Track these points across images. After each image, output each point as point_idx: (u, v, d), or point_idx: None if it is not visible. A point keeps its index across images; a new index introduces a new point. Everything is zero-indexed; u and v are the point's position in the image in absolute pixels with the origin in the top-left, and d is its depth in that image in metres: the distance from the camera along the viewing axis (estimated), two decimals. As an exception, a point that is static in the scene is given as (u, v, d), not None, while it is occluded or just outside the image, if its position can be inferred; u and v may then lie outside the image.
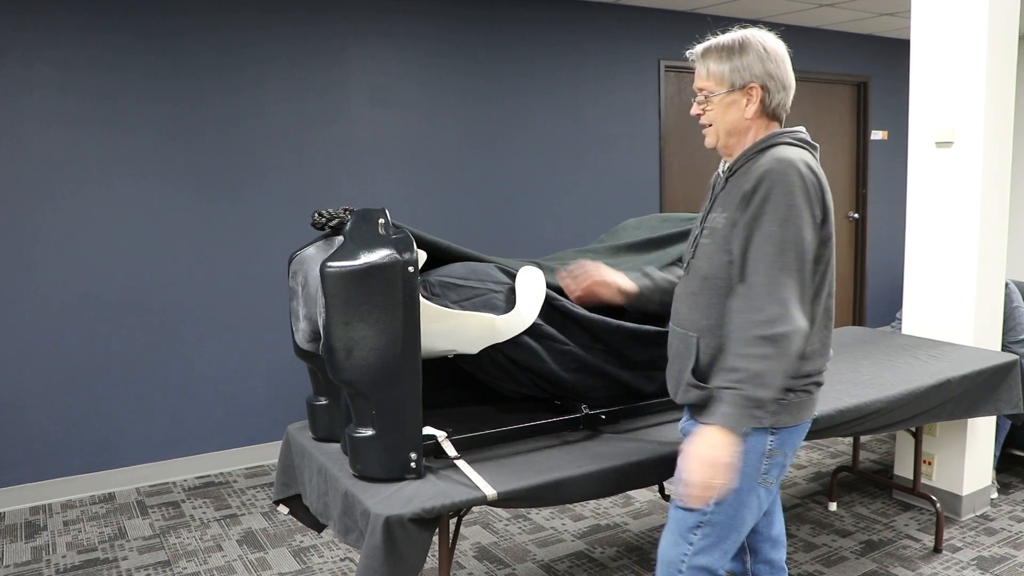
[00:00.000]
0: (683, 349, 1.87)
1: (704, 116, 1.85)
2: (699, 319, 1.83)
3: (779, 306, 1.66)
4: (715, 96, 1.81)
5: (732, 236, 1.75)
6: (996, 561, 3.07)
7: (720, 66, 1.80)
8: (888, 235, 6.76)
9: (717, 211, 1.84)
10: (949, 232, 3.39)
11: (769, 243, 1.68)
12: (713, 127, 1.84)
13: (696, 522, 1.82)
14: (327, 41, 4.36)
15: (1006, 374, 3.09)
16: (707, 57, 1.82)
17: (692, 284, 1.87)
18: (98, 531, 3.53)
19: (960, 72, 3.28)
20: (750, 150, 1.81)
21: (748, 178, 1.74)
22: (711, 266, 1.80)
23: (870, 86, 6.59)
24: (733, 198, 1.77)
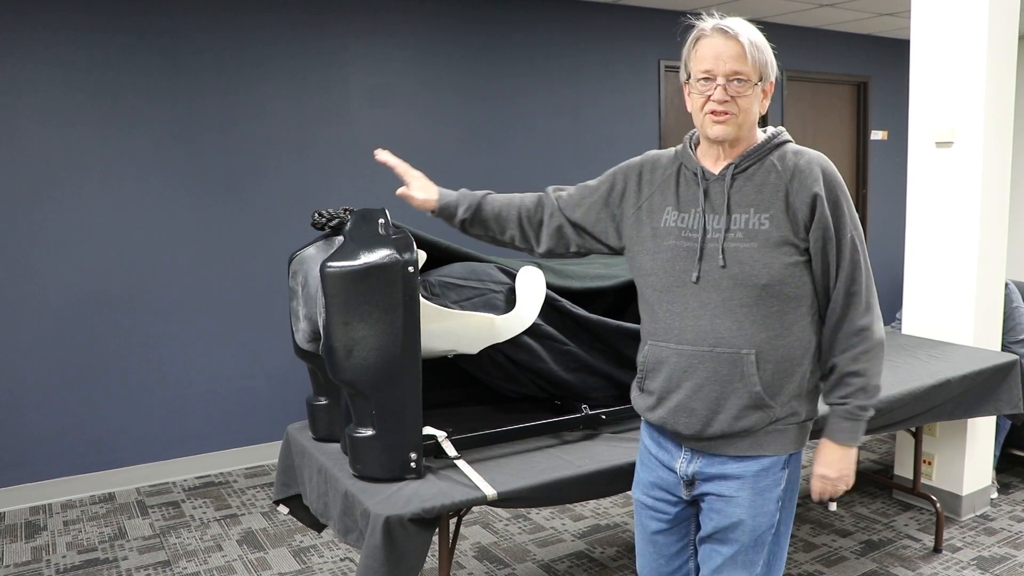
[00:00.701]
0: (727, 372, 1.64)
1: (731, 103, 1.62)
2: (755, 333, 1.62)
3: (877, 317, 1.67)
4: (751, 85, 1.62)
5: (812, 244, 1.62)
6: (996, 561, 3.07)
7: (760, 53, 1.63)
8: (888, 235, 6.76)
9: (745, 211, 1.64)
10: (949, 232, 3.39)
11: (857, 250, 1.65)
12: (737, 117, 1.63)
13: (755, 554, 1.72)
14: (327, 40, 4.36)
15: (1006, 374, 3.09)
16: (753, 41, 1.64)
17: (736, 294, 1.62)
18: (98, 531, 3.53)
19: (960, 72, 3.28)
20: (761, 147, 1.68)
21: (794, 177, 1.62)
22: (770, 271, 1.60)
23: (870, 86, 6.59)
24: (770, 196, 1.63)
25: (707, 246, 1.65)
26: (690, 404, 1.67)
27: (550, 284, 2.33)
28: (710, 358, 1.64)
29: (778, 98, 6.04)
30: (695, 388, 1.66)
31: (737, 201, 1.66)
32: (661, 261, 1.71)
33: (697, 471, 1.73)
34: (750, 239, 1.62)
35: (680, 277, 1.67)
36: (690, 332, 1.66)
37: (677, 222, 1.71)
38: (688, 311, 1.66)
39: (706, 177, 1.70)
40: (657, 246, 1.72)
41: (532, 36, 4.97)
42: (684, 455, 1.75)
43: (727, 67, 1.61)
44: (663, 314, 1.70)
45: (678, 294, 1.68)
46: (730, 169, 1.67)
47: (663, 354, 1.71)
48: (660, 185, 1.77)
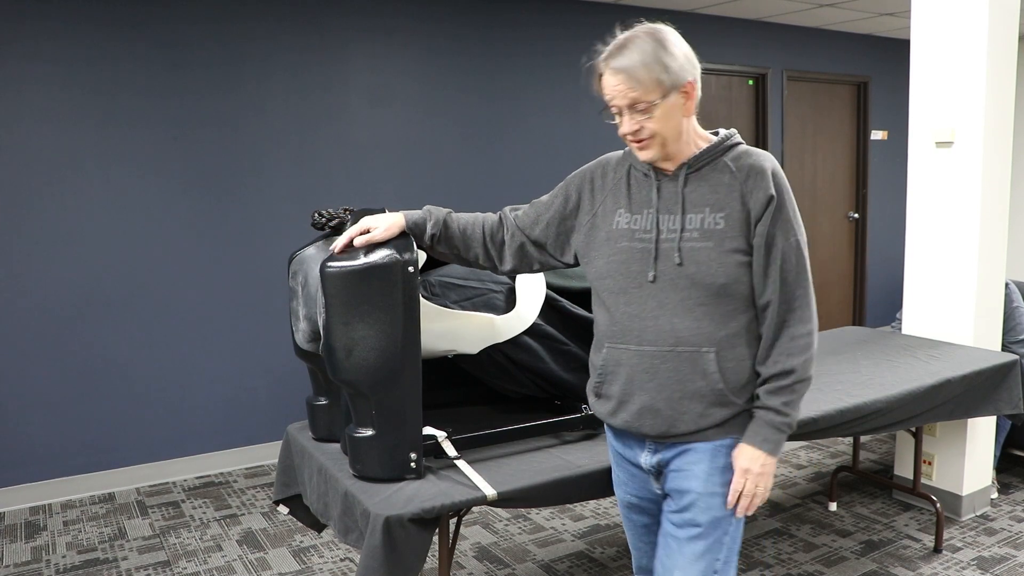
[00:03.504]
0: (689, 370, 1.64)
1: (644, 130, 1.63)
2: (714, 331, 1.64)
3: (815, 327, 1.67)
4: (656, 105, 1.60)
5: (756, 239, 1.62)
6: (996, 561, 3.07)
7: (651, 71, 1.59)
8: (888, 235, 6.76)
9: (700, 210, 1.65)
10: (949, 232, 3.39)
11: (802, 255, 1.65)
12: (655, 138, 1.63)
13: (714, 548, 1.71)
14: (327, 39, 4.36)
15: (1006, 374, 3.08)
16: (631, 66, 1.59)
17: (694, 293, 1.63)
18: (98, 531, 3.53)
19: (960, 72, 3.28)
20: (714, 148, 1.68)
21: (748, 178, 1.64)
22: (726, 271, 1.62)
23: (870, 86, 6.59)
24: (724, 196, 1.64)
25: (662, 246, 1.66)
26: (654, 405, 1.68)
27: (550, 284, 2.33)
28: (671, 357, 1.65)
29: (778, 98, 6.04)
30: (658, 388, 1.67)
31: (692, 201, 1.66)
32: (616, 263, 1.70)
33: (660, 459, 1.75)
34: (706, 239, 1.63)
35: (636, 278, 1.67)
36: (650, 332, 1.66)
37: (630, 224, 1.71)
38: (646, 311, 1.66)
39: (658, 177, 1.70)
40: (611, 248, 1.72)
41: (532, 36, 4.97)
42: (648, 448, 1.76)
43: (622, 101, 1.61)
44: (620, 316, 1.69)
45: (635, 295, 1.67)
46: (684, 169, 1.68)
47: (622, 356, 1.70)
48: (611, 189, 1.78)
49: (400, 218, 1.92)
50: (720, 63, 5.74)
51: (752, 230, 1.63)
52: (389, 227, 1.90)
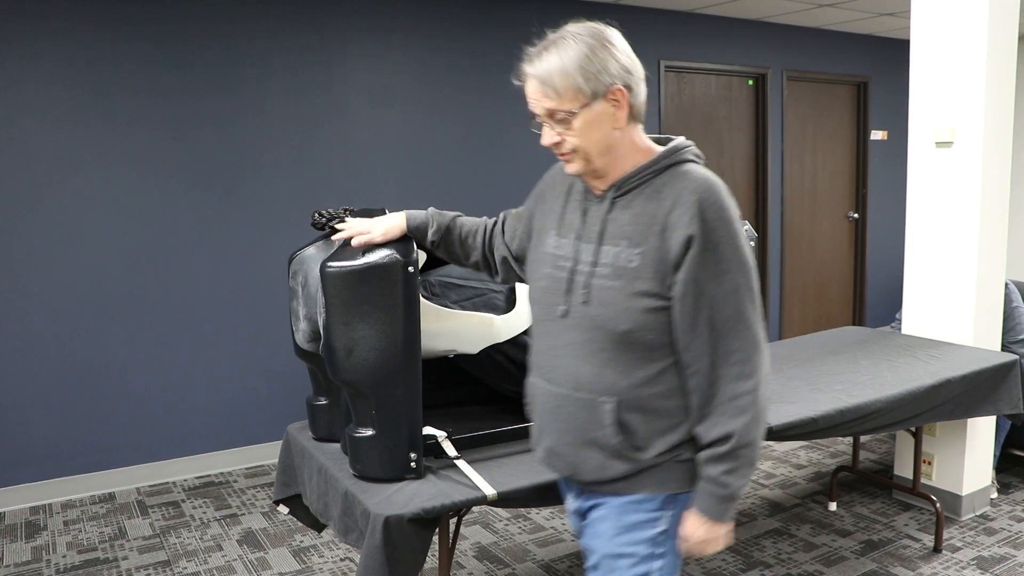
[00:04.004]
0: (586, 419, 1.48)
1: (565, 143, 1.46)
2: (616, 380, 1.45)
3: (760, 382, 1.44)
4: (575, 115, 1.43)
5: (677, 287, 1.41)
6: (996, 561, 3.07)
7: (569, 78, 1.42)
8: (888, 235, 6.76)
9: (617, 243, 1.45)
10: (949, 232, 3.39)
11: (740, 300, 1.41)
12: (578, 152, 1.46)
13: None
14: (327, 39, 4.36)
15: (1006, 374, 3.08)
16: (547, 72, 1.44)
17: (596, 337, 1.45)
18: (98, 531, 3.53)
19: (960, 72, 3.28)
20: (649, 167, 1.47)
21: (673, 209, 1.41)
22: (631, 317, 1.42)
23: (870, 86, 6.59)
24: (644, 229, 1.43)
25: (576, 279, 1.49)
26: (557, 448, 1.55)
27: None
28: (570, 402, 1.50)
29: (778, 98, 6.04)
30: (560, 432, 1.53)
31: (612, 231, 1.47)
32: (538, 290, 1.58)
33: (580, 507, 1.63)
34: (616, 276, 1.44)
35: (550, 310, 1.52)
36: (555, 371, 1.52)
37: (555, 248, 1.56)
38: (554, 349, 1.52)
39: (587, 198, 1.54)
40: (536, 273, 1.59)
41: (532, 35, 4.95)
42: (575, 490, 1.64)
43: (539, 109, 1.47)
44: (536, 348, 1.58)
45: (549, 328, 1.54)
46: (611, 192, 1.49)
47: (536, 391, 1.59)
48: (551, 204, 1.63)
49: (401, 220, 1.88)
50: (720, 63, 5.74)
51: (671, 275, 1.41)
52: (388, 230, 1.86)
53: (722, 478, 1.45)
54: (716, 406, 1.44)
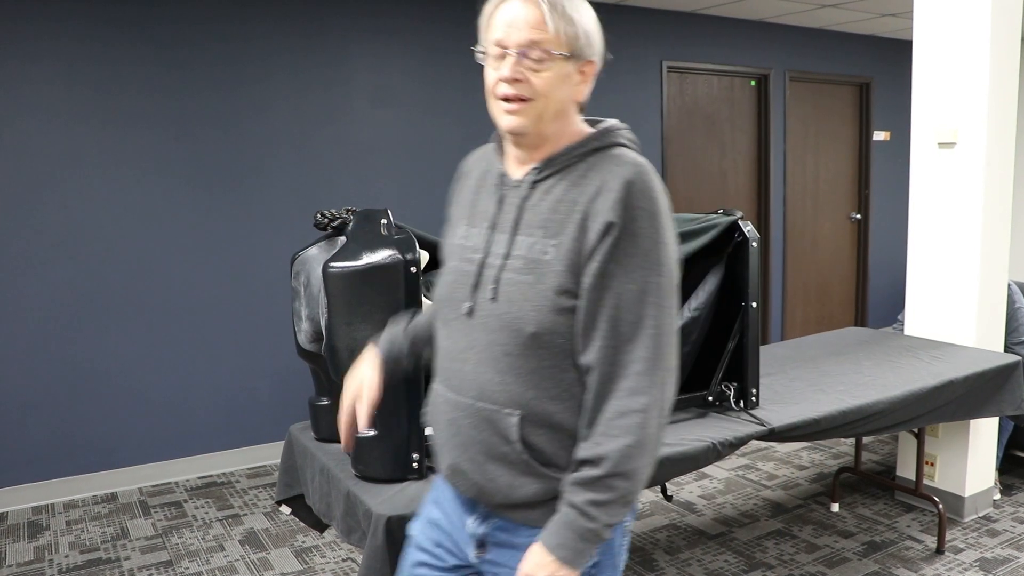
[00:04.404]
0: (490, 433, 1.29)
1: (525, 83, 1.26)
2: (522, 390, 1.26)
3: (653, 397, 1.22)
4: (554, 61, 1.26)
5: (585, 279, 1.23)
6: (999, 563, 3.07)
7: (569, 23, 1.27)
8: (890, 236, 6.75)
9: (532, 233, 1.28)
10: (951, 233, 3.39)
11: (641, 302, 1.22)
12: (535, 102, 1.27)
13: None
14: (329, 39, 4.37)
15: (1009, 375, 3.08)
16: (555, 4, 1.27)
17: (502, 338, 1.27)
18: (100, 531, 3.53)
19: (962, 73, 3.28)
20: (576, 148, 1.31)
21: (598, 196, 1.24)
22: (540, 317, 1.24)
23: (872, 87, 6.58)
24: (564, 217, 1.26)
25: (484, 272, 1.31)
26: (459, 465, 1.35)
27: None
28: (472, 413, 1.31)
29: (780, 99, 6.04)
30: (462, 447, 1.33)
31: (528, 220, 1.29)
32: (444, 286, 1.39)
33: (488, 533, 1.37)
34: (528, 270, 1.26)
35: (456, 307, 1.34)
36: (458, 377, 1.33)
37: (463, 239, 1.39)
38: (457, 351, 1.34)
39: (503, 184, 1.36)
40: (445, 267, 1.42)
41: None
42: (478, 512, 1.38)
43: (520, 35, 1.25)
44: (440, 351, 1.39)
45: (454, 329, 1.35)
46: (530, 176, 1.32)
47: (436, 399, 1.40)
48: (463, 195, 1.47)
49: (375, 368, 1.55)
50: (722, 64, 5.74)
51: (584, 267, 1.23)
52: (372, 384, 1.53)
53: (588, 508, 1.21)
54: (599, 423, 1.23)
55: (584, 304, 1.24)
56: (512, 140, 1.34)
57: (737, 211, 2.54)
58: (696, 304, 2.48)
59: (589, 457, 1.22)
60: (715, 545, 3.28)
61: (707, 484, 3.94)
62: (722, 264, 2.54)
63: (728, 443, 2.27)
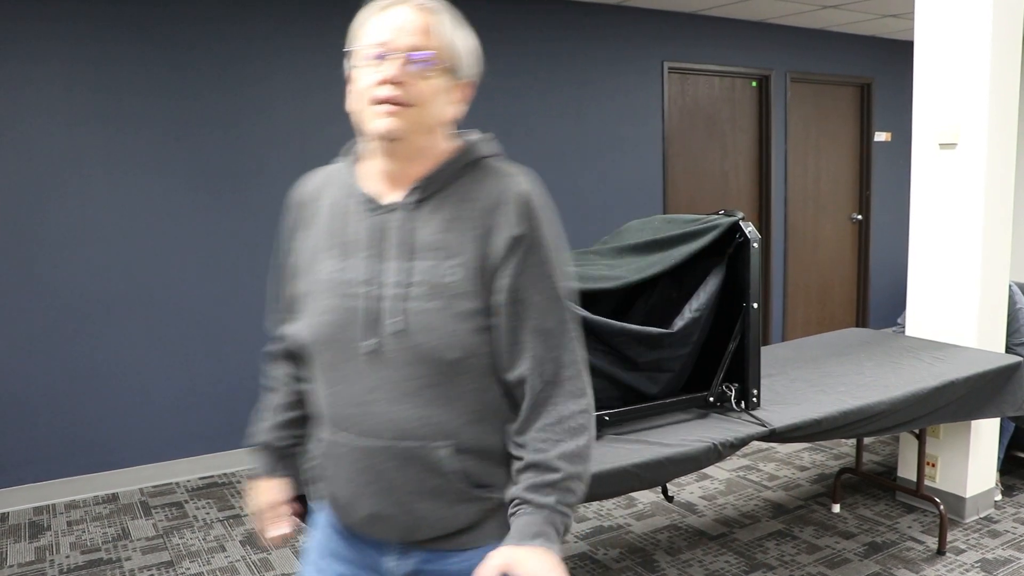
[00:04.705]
0: (418, 470, 1.24)
1: (407, 87, 1.20)
2: (449, 419, 1.23)
3: (588, 396, 1.27)
4: (437, 68, 1.23)
5: (497, 296, 1.22)
6: (1000, 563, 3.06)
7: (454, 36, 1.26)
8: (891, 237, 6.75)
9: (430, 257, 1.22)
10: (953, 234, 3.39)
11: (559, 308, 1.25)
12: (415, 108, 1.21)
13: None
14: (329, 39, 4.36)
15: (1010, 376, 3.08)
16: (440, 15, 1.25)
17: (420, 371, 1.21)
18: (101, 531, 3.53)
19: (964, 73, 3.28)
20: (453, 163, 1.27)
21: (495, 210, 1.23)
22: (461, 342, 1.21)
23: (873, 87, 6.58)
24: (460, 235, 1.22)
25: (382, 305, 1.23)
26: (383, 513, 1.27)
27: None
28: (395, 455, 1.24)
29: (781, 100, 6.04)
30: (384, 492, 1.25)
31: (421, 243, 1.23)
32: (321, 327, 1.27)
33: (415, 569, 1.31)
34: (434, 296, 1.21)
35: (347, 349, 1.24)
36: (367, 421, 1.24)
37: (338, 273, 1.27)
38: (359, 394, 1.24)
39: (378, 208, 1.27)
40: (315, 306, 1.29)
41: (535, 37, 4.97)
42: (395, 550, 1.31)
43: (408, 39, 1.21)
44: (336, 398, 1.28)
45: (347, 371, 1.25)
46: (412, 196, 1.25)
47: (339, 449, 1.29)
48: (314, 228, 1.34)
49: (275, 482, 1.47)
50: (723, 64, 5.74)
51: (493, 283, 1.22)
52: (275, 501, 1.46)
53: (558, 506, 1.23)
54: (544, 428, 1.23)
55: (504, 320, 1.23)
56: (385, 149, 1.25)
57: (738, 212, 2.54)
58: (697, 305, 2.48)
59: (542, 462, 1.23)
60: (716, 546, 3.28)
61: (708, 485, 3.94)
62: (723, 265, 2.54)
63: (729, 444, 2.27)
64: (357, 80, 1.24)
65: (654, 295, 2.62)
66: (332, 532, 1.37)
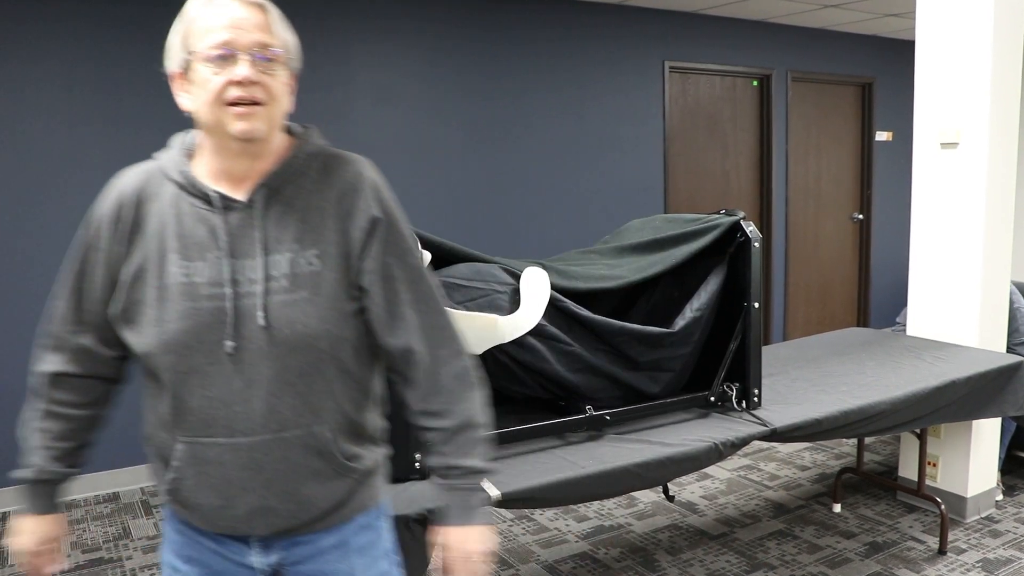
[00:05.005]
0: (302, 457, 1.27)
1: (261, 86, 1.22)
2: (325, 401, 1.27)
3: (467, 350, 1.37)
4: (281, 63, 1.26)
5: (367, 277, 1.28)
6: (1001, 563, 3.06)
7: (284, 29, 1.29)
8: (893, 236, 6.75)
9: (287, 249, 1.25)
10: (954, 233, 3.38)
11: (427, 279, 1.35)
12: (269, 106, 1.24)
13: None
14: (330, 39, 4.37)
15: (1011, 376, 3.08)
16: (272, 10, 1.28)
17: (293, 362, 1.24)
18: (103, 530, 3.54)
19: (965, 73, 3.27)
20: (298, 155, 1.30)
21: (348, 196, 1.28)
22: (331, 326, 1.25)
23: (874, 87, 6.58)
24: (318, 224, 1.26)
25: (241, 303, 1.23)
26: (267, 504, 1.28)
27: (554, 285, 2.34)
28: (277, 446, 1.26)
29: (782, 99, 6.04)
30: (267, 485, 1.27)
31: (276, 237, 1.25)
32: (176, 333, 1.24)
33: (281, 560, 1.34)
34: (298, 287, 1.23)
35: (210, 352, 1.23)
36: (242, 420, 1.24)
37: (189, 275, 1.24)
38: (233, 394, 1.24)
39: (227, 206, 1.26)
40: (165, 313, 1.24)
41: (536, 36, 4.97)
42: (257, 546, 1.34)
43: (251, 37, 1.22)
44: (198, 403, 1.25)
45: (213, 374, 1.24)
46: (261, 191, 1.26)
47: (210, 453, 1.27)
48: (147, 224, 1.29)
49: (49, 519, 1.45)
50: (724, 64, 5.74)
51: (359, 266, 1.27)
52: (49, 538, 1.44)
53: (480, 464, 1.34)
54: (442, 392, 1.32)
55: (380, 299, 1.29)
56: (239, 149, 1.26)
57: (739, 211, 2.55)
58: (698, 304, 2.48)
59: (460, 423, 1.33)
60: (717, 545, 3.28)
61: (709, 484, 3.94)
62: (724, 264, 2.55)
63: (730, 443, 2.27)
64: (201, 81, 1.25)
65: (655, 295, 2.63)
66: (187, 539, 1.37)
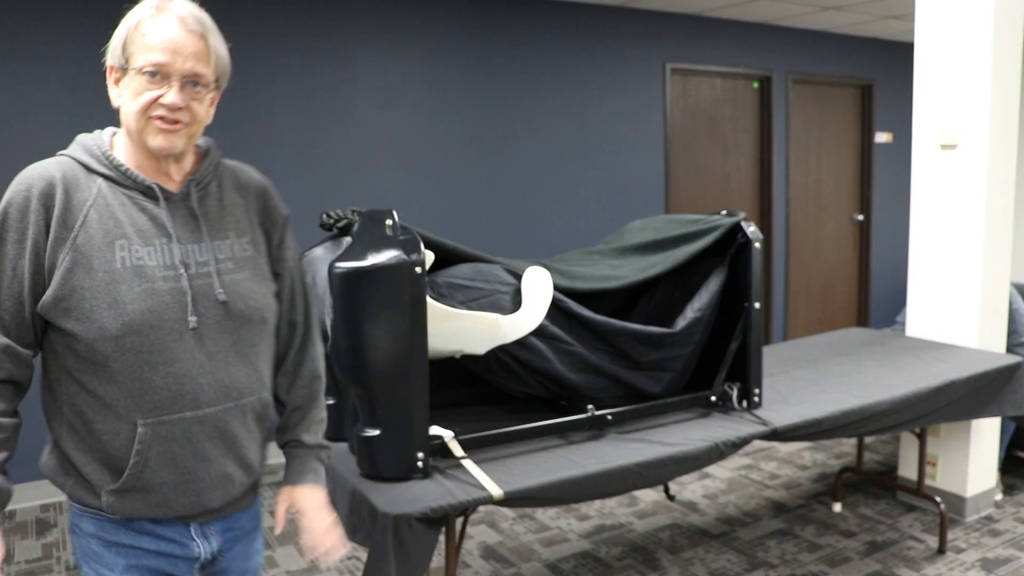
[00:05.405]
0: (254, 421, 1.47)
1: (186, 111, 1.34)
2: (265, 371, 1.48)
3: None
4: (211, 90, 1.42)
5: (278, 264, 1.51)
6: (1000, 563, 3.08)
7: (221, 52, 1.42)
8: (892, 237, 6.76)
9: (225, 236, 1.42)
10: (953, 235, 3.40)
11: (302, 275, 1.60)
12: (191, 127, 1.36)
13: None
14: (334, 41, 4.39)
15: (1010, 376, 3.09)
16: (217, 38, 1.42)
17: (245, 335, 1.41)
18: None
19: (965, 75, 3.29)
20: (211, 162, 1.47)
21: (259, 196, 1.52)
22: (268, 303, 1.46)
23: (874, 89, 6.59)
24: (241, 217, 1.45)
25: (196, 283, 1.35)
26: (225, 471, 1.41)
27: (556, 285, 2.35)
28: (237, 412, 1.40)
29: (783, 101, 6.05)
30: (226, 452, 1.41)
31: (214, 225, 1.41)
32: (137, 314, 1.29)
33: (220, 545, 1.48)
34: (241, 268, 1.42)
35: (173, 328, 1.32)
36: (207, 391, 1.35)
37: (140, 259, 1.32)
38: (197, 367, 1.34)
39: (167, 196, 1.37)
40: (121, 295, 1.29)
41: (538, 38, 4.99)
42: (196, 532, 1.44)
43: (186, 65, 1.32)
44: (163, 381, 1.32)
45: (177, 351, 1.32)
46: (193, 186, 1.41)
47: (175, 430, 1.34)
48: (89, 214, 1.32)
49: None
50: (725, 65, 5.75)
51: (277, 254, 1.52)
52: None
53: (326, 442, 1.62)
54: (305, 371, 1.57)
55: (287, 283, 1.53)
56: (156, 156, 1.37)
57: (740, 212, 2.56)
58: (699, 305, 2.50)
59: (316, 405, 1.59)
60: (717, 544, 3.30)
61: (709, 484, 3.95)
62: (725, 265, 2.56)
63: (731, 443, 2.28)
64: (131, 90, 1.32)
65: (656, 295, 2.64)
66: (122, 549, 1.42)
